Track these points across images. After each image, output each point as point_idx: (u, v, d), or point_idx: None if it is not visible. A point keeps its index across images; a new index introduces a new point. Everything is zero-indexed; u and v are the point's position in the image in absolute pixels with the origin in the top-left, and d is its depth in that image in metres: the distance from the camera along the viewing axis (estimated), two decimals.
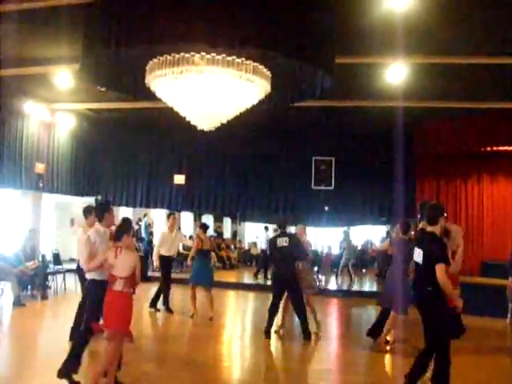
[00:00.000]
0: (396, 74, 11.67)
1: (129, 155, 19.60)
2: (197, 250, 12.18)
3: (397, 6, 8.55)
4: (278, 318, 10.82)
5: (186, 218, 28.95)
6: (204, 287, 12.17)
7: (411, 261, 7.12)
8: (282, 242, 10.60)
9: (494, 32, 9.67)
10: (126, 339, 6.61)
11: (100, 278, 6.72)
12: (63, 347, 9.25)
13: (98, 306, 6.54)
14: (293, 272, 10.51)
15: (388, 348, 9.55)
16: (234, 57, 8.27)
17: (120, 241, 6.48)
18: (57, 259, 15.55)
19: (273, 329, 10.63)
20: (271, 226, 24.29)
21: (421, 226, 8.07)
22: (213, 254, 12.88)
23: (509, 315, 11.98)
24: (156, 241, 21.43)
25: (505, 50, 10.40)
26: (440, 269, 6.03)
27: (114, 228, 6.89)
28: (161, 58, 8.43)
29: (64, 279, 14.67)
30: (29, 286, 13.81)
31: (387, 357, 9.38)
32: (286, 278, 10.45)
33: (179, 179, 19.14)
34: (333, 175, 18.00)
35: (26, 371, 7.58)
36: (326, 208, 18.41)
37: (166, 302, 12.69)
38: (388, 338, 9.73)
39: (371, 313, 14.57)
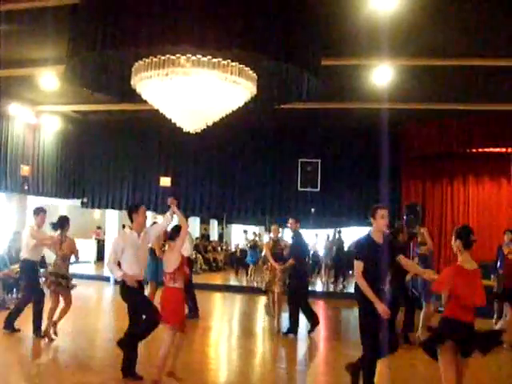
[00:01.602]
0: (382, 75, 11.71)
1: (114, 157, 19.52)
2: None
3: (382, 8, 8.58)
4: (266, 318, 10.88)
5: (173, 220, 28.88)
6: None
7: None
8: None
9: (478, 34, 9.73)
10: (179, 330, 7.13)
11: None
12: (47, 350, 9.23)
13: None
14: None
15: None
16: (220, 59, 8.26)
17: (173, 240, 7.12)
18: (42, 262, 15.43)
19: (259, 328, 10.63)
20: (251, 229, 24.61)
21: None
22: (199, 255, 12.86)
23: (495, 315, 12.02)
24: None
25: (490, 51, 10.45)
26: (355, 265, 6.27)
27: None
28: (146, 60, 8.41)
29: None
30: (14, 289, 13.71)
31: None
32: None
33: (165, 181, 19.08)
34: (319, 177, 18.02)
35: (9, 374, 7.51)
36: (313, 210, 18.40)
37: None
38: None
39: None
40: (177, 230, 7.24)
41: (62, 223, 9.76)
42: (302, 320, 11.02)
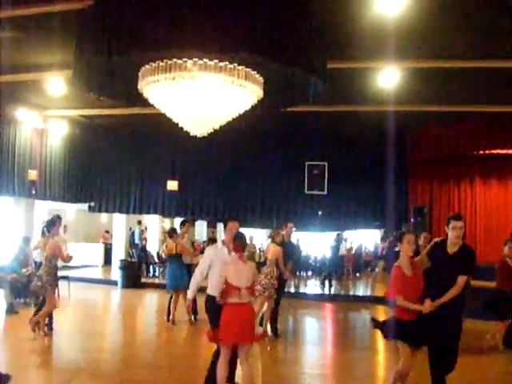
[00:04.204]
0: (388, 78, 11.70)
1: (121, 161, 19.58)
2: (167, 255, 12.37)
3: (388, 11, 8.57)
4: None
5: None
6: (181, 291, 11.78)
7: None
8: None
9: (485, 36, 9.71)
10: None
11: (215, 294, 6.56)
12: (55, 355, 9.26)
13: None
14: None
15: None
16: (227, 62, 8.27)
17: (243, 251, 6.53)
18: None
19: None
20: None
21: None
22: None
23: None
24: (151, 247, 21.30)
25: (496, 53, 10.44)
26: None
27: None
28: (153, 64, 8.43)
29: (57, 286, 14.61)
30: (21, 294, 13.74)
31: (383, 361, 9.39)
32: None
33: (172, 185, 19.12)
34: (326, 180, 18.02)
35: (17, 379, 7.53)
36: (320, 213, 18.41)
37: None
38: None
39: (365, 317, 14.59)
40: (243, 240, 6.64)
41: (47, 226, 9.90)
42: (301, 323, 11.03)
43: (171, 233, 12.41)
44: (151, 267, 21.47)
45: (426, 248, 6.98)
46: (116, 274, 19.19)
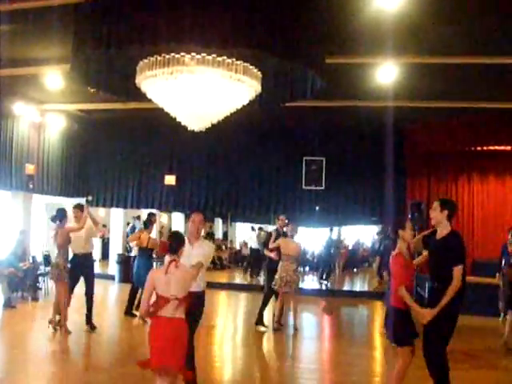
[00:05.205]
0: (387, 74, 11.68)
1: (119, 156, 19.55)
2: (137, 247, 12.37)
3: (387, 6, 8.56)
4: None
5: (177, 219, 29.01)
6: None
7: None
8: None
9: (484, 31, 9.70)
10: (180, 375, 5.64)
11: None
12: (52, 349, 9.26)
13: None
14: None
15: None
16: (225, 57, 8.26)
17: (176, 253, 5.51)
18: (47, 261, 15.48)
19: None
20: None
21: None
22: None
23: (502, 314, 11.99)
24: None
25: (495, 49, 10.43)
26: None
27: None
28: (151, 59, 8.42)
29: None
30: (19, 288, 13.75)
31: (380, 357, 9.41)
32: None
33: (170, 180, 19.09)
34: (323, 175, 18.02)
35: (15, 373, 7.54)
36: (317, 208, 18.41)
37: None
38: None
39: (363, 312, 14.63)
40: (177, 239, 5.64)
41: (59, 216, 10.09)
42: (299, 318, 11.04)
43: (148, 224, 12.31)
44: None
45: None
46: (113, 268, 19.18)
